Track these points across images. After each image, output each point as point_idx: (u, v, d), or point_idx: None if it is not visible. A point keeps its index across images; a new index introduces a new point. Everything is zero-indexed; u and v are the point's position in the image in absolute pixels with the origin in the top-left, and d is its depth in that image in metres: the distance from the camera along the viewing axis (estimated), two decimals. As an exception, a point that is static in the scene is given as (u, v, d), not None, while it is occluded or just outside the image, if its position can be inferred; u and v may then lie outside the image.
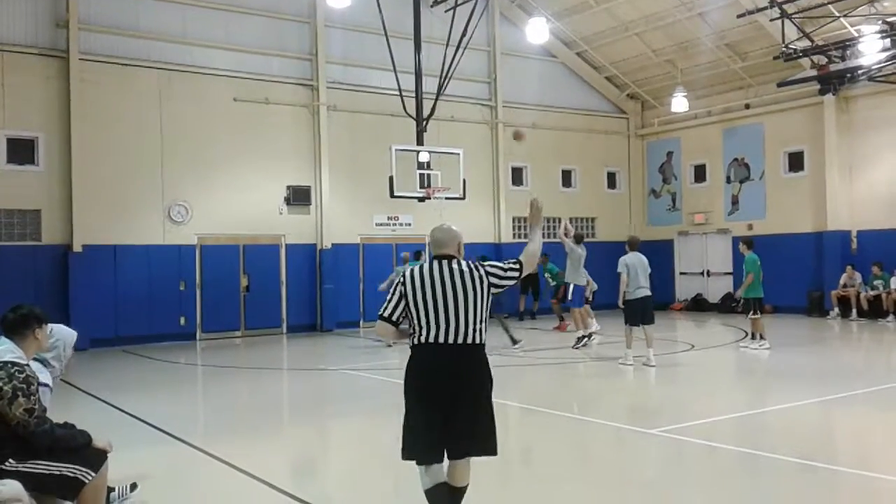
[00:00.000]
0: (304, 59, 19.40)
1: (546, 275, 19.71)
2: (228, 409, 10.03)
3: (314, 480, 6.75)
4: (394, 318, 4.41)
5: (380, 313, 4.46)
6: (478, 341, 4.32)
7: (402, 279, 4.41)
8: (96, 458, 4.61)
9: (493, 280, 4.39)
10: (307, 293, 19.14)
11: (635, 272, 11.95)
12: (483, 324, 4.33)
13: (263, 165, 18.52)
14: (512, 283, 4.45)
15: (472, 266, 4.36)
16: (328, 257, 19.23)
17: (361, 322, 19.73)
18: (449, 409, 4.25)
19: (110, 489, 5.18)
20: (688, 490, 5.98)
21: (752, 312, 13.51)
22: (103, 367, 13.72)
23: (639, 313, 11.96)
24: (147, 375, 12.88)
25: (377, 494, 5.98)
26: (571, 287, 14.53)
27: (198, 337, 17.68)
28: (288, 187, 18.83)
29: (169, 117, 17.47)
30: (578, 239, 14.80)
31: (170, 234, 17.50)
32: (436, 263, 4.40)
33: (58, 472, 4.45)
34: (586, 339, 14.29)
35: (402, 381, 4.43)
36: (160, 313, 17.14)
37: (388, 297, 4.43)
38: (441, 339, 4.26)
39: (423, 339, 4.30)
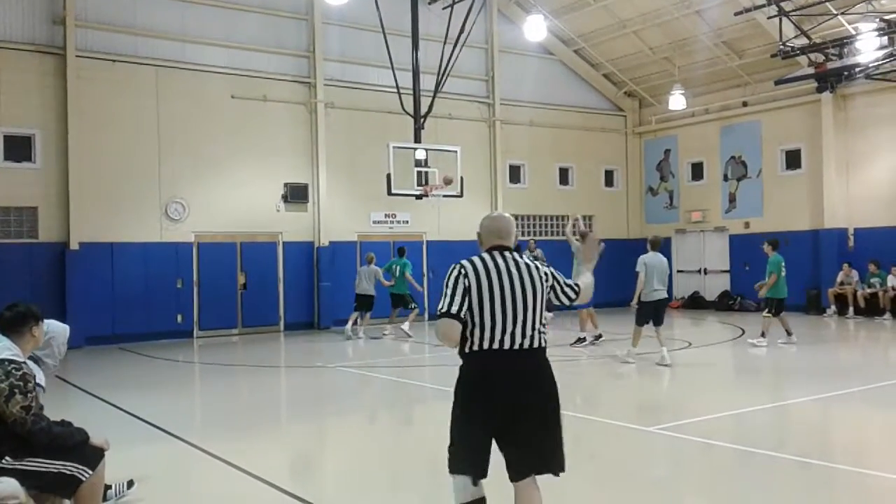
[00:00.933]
0: (301, 56, 19.37)
1: None
2: (226, 406, 10.03)
3: (312, 478, 6.75)
4: (462, 314, 3.80)
5: (441, 310, 3.83)
6: (543, 344, 3.91)
7: (464, 270, 3.84)
8: (93, 456, 4.61)
9: (555, 285, 4.03)
10: (304, 291, 19.14)
11: (652, 273, 11.77)
12: (545, 326, 3.94)
13: (261, 163, 18.51)
14: (565, 300, 4.14)
15: (537, 265, 3.95)
16: (325, 255, 19.22)
17: (359, 320, 19.68)
18: (512, 423, 3.80)
19: (107, 487, 5.17)
20: (685, 487, 5.99)
21: (766, 311, 13.72)
22: (100, 365, 13.70)
23: (651, 315, 11.86)
24: (144, 373, 12.87)
25: (375, 492, 5.97)
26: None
27: (195, 335, 17.67)
28: (285, 185, 18.80)
29: (166, 114, 17.44)
30: (585, 237, 14.67)
31: (167, 231, 17.48)
32: (497, 256, 3.91)
33: (55, 470, 4.44)
34: (588, 341, 14.17)
35: (453, 390, 4.02)
36: (157, 311, 17.12)
37: (447, 292, 3.82)
38: (507, 344, 3.77)
39: (484, 344, 3.77)
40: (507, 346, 3.78)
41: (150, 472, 6.14)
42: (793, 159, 21.06)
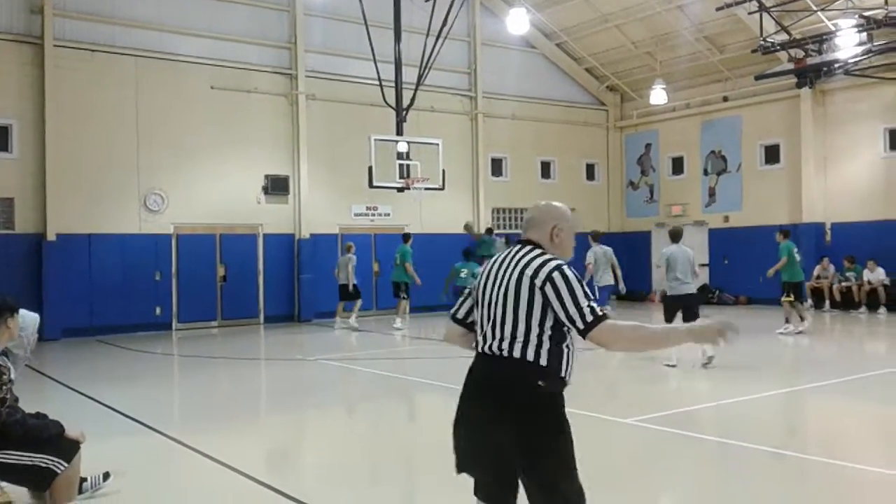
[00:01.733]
0: (283, 47, 19.25)
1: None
2: (205, 399, 9.99)
3: (291, 471, 6.73)
4: (459, 315, 3.53)
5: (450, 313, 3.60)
6: (529, 357, 3.20)
7: (483, 269, 3.55)
8: (69, 449, 4.58)
9: (549, 295, 3.17)
10: (285, 283, 19.07)
11: (674, 265, 11.25)
12: (542, 337, 3.21)
13: (241, 154, 18.39)
14: (574, 327, 3.17)
15: (540, 263, 3.24)
16: (306, 247, 19.15)
17: (345, 311, 19.66)
18: (479, 438, 3.35)
19: (83, 479, 5.14)
20: (659, 478, 6.04)
21: (784, 295, 14.14)
22: (77, 358, 13.60)
23: (676, 310, 11.20)
24: (122, 365, 12.78)
25: (354, 484, 5.97)
26: (595, 288, 13.90)
27: (174, 327, 17.56)
28: (266, 177, 18.71)
29: (145, 105, 17.29)
30: (595, 236, 14.79)
31: (146, 223, 17.34)
32: (513, 250, 3.43)
33: (29, 463, 4.41)
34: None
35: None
36: (136, 303, 17.00)
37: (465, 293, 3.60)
38: (484, 345, 3.34)
39: (477, 347, 3.42)
40: (484, 348, 3.33)
41: (126, 464, 6.10)
42: (772, 154, 21.24)
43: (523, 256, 3.31)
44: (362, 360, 12.70)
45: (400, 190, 17.09)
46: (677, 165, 23.60)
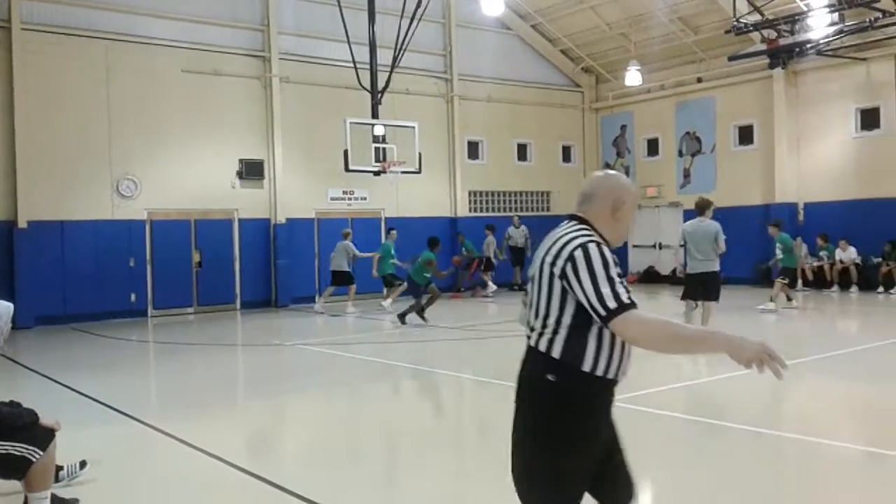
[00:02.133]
0: (255, 29, 19.02)
1: (463, 251, 20.77)
2: (182, 385, 9.93)
3: (270, 456, 6.73)
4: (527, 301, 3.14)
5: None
6: (542, 348, 2.89)
7: None
8: (44, 437, 4.53)
9: (569, 276, 2.78)
10: (261, 268, 18.95)
11: (692, 242, 10.69)
12: (559, 327, 2.85)
13: (215, 139, 18.20)
14: (595, 314, 2.75)
15: (567, 241, 2.87)
16: (282, 232, 19.03)
17: (317, 297, 19.62)
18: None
19: (59, 468, 5.10)
20: (636, 457, 6.11)
21: (780, 277, 15.18)
22: (51, 346, 13.45)
23: (695, 290, 10.84)
24: (97, 353, 12.67)
25: (333, 469, 5.98)
26: None
27: (149, 314, 17.42)
28: (240, 161, 18.53)
29: (116, 89, 17.02)
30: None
31: (119, 209, 17.13)
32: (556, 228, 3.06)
33: (4, 452, 4.36)
34: None
35: None
36: (110, 290, 16.82)
37: None
38: (524, 330, 3.07)
39: None
40: (525, 333, 3.04)
41: (103, 452, 6.07)
42: (746, 135, 21.39)
43: (557, 234, 2.97)
44: (340, 344, 12.68)
45: (376, 174, 17.01)
46: (652, 147, 23.71)
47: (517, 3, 22.48)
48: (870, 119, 19.09)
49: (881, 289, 17.86)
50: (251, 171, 18.60)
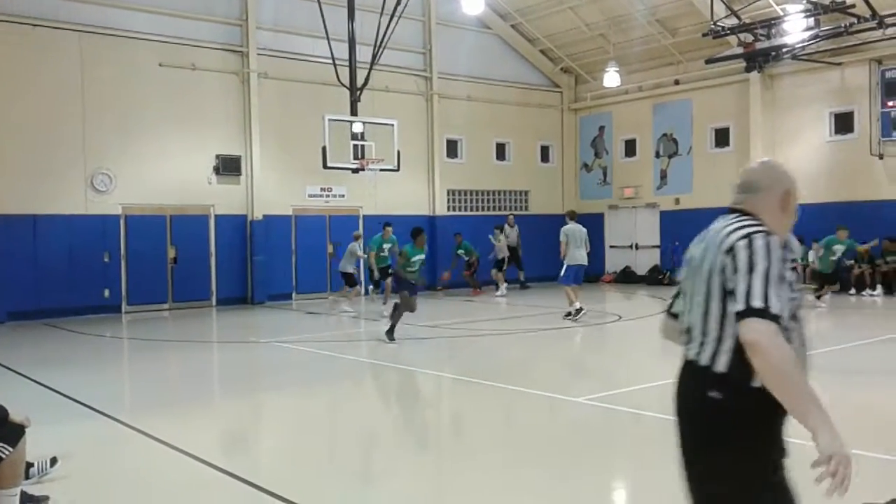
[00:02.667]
0: (233, 24, 18.88)
1: (460, 251, 20.32)
2: (156, 383, 9.82)
3: (245, 454, 6.68)
4: (673, 310, 2.90)
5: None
6: (704, 361, 2.58)
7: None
8: (13, 433, 4.46)
9: (727, 270, 2.53)
10: (238, 265, 18.82)
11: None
12: (723, 336, 2.54)
13: (191, 134, 18.04)
14: (733, 308, 2.46)
15: (729, 232, 2.62)
16: (259, 228, 18.91)
17: (294, 294, 19.54)
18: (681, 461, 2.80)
19: (29, 465, 5.02)
20: (612, 456, 6.14)
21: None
22: (23, 341, 13.26)
23: None
24: (70, 349, 12.50)
25: (308, 467, 5.95)
26: (565, 266, 13.91)
27: (123, 310, 17.23)
28: (217, 156, 18.39)
29: (91, 82, 16.81)
30: (572, 216, 14.84)
31: (92, 203, 16.92)
32: (714, 224, 2.77)
33: (-28, 449, 4.28)
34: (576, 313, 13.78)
35: None
36: (83, 286, 16.61)
37: None
38: (682, 345, 2.76)
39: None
40: (685, 353, 2.72)
41: (75, 449, 5.99)
42: (722, 137, 21.60)
43: (718, 227, 2.70)
44: (317, 342, 12.61)
45: (354, 171, 16.94)
46: (630, 148, 23.86)
47: (497, 3, 22.50)
48: (843, 123, 19.34)
49: (853, 291, 18.10)
50: (228, 166, 18.46)
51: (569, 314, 13.79)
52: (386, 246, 16.47)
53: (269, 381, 9.85)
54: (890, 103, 18.35)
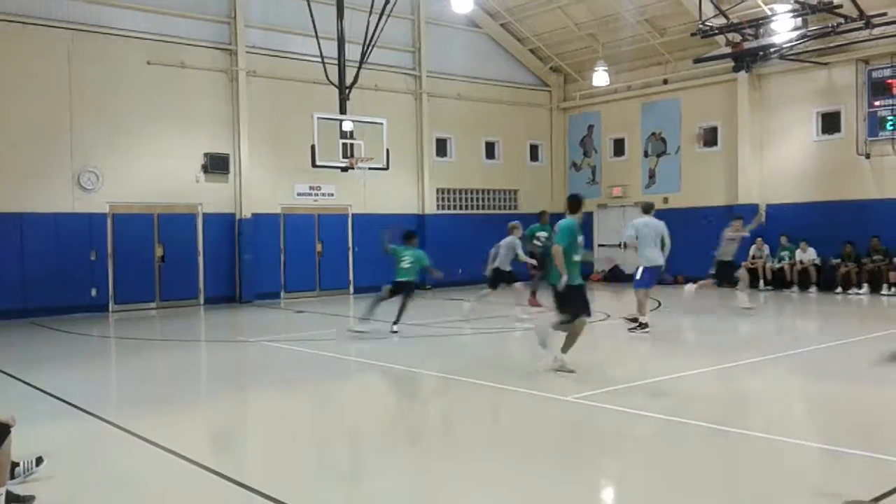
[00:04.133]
0: (222, 21, 18.81)
1: (542, 233, 15.71)
2: (142, 382, 9.78)
3: (231, 453, 6.66)
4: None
5: None
6: None
7: None
8: (-2, 433, 4.44)
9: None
10: (226, 264, 18.76)
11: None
12: None
13: (179, 132, 17.97)
14: None
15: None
16: (248, 227, 18.86)
17: (282, 293, 19.49)
18: None
19: (15, 464, 5.00)
20: (599, 455, 6.16)
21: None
22: (10, 340, 13.17)
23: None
24: (57, 348, 12.42)
25: (295, 467, 5.93)
26: (640, 269, 12.35)
27: (110, 309, 17.15)
28: (205, 155, 18.33)
29: (78, 79, 16.72)
30: (647, 209, 12.75)
31: (79, 202, 16.83)
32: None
33: (-44, 448, 4.26)
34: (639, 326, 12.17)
35: None
36: (70, 284, 16.53)
37: None
38: None
39: None
40: None
41: (61, 448, 5.96)
42: (710, 137, 21.68)
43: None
44: (305, 341, 12.59)
45: (344, 169, 16.94)
46: (618, 147, 23.92)
47: (487, 2, 22.51)
48: (830, 123, 19.46)
49: (839, 289, 18.21)
50: (216, 165, 18.40)
51: (636, 324, 12.11)
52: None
53: (256, 380, 9.82)
54: (876, 103, 18.48)
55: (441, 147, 22.67)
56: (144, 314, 16.98)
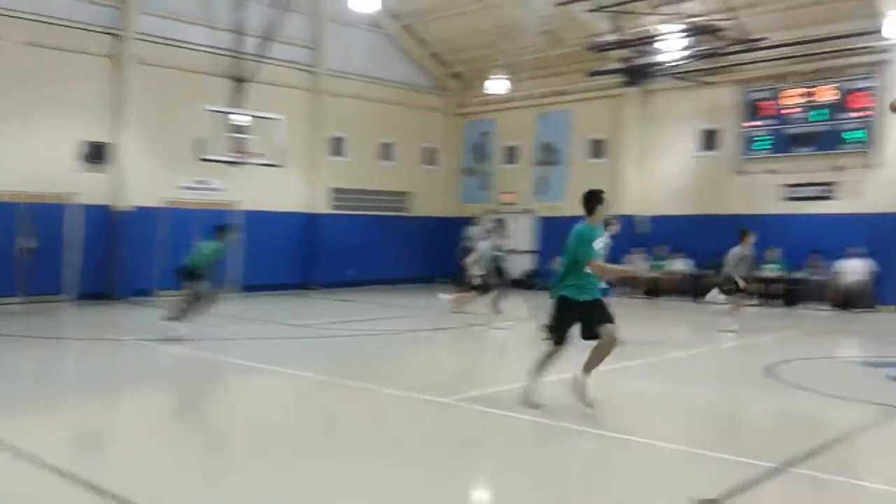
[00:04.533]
0: (111, 6, 17.88)
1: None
2: (1, 381, 9.11)
3: (93, 456, 6.26)
4: None
5: None
6: None
7: None
8: None
9: None
10: (100, 258, 17.76)
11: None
12: None
13: (55, 118, 16.95)
14: None
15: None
16: (127, 220, 17.98)
17: (159, 290, 18.62)
18: None
19: None
20: (480, 457, 6.14)
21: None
22: None
23: None
24: None
25: (158, 470, 5.63)
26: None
27: (-32, 303, 15.96)
28: (83, 143, 17.37)
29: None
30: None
31: (-62, 186, 15.61)
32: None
33: None
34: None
35: None
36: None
37: None
38: None
39: None
40: None
41: None
42: (598, 149, 22.33)
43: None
44: (177, 342, 12.07)
45: (232, 164, 16.41)
46: (512, 154, 24.32)
47: (390, 3, 22.35)
48: (709, 140, 20.44)
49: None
50: (95, 153, 17.48)
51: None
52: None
53: (126, 380, 9.32)
54: (748, 124, 19.53)
55: (336, 146, 22.35)
56: (6, 309, 15.68)
